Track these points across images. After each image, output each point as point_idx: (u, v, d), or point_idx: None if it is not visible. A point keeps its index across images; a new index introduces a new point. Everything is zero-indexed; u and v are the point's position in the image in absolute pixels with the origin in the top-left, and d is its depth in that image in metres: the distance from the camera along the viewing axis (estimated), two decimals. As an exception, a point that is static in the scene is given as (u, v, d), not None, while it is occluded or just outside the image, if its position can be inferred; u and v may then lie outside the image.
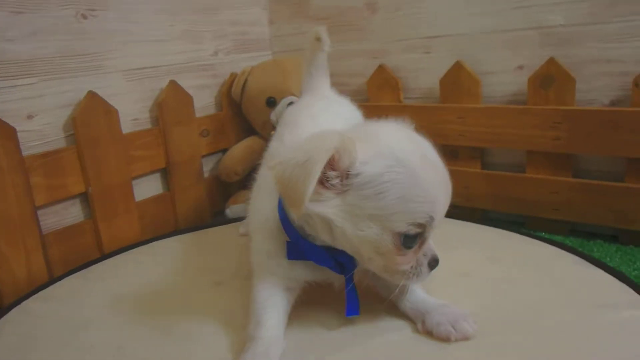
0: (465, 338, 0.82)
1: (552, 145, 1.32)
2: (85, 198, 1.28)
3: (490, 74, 1.43)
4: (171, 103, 1.42)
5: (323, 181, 0.74)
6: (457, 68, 1.43)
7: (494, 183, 1.44)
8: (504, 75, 1.42)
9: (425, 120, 1.50)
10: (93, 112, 1.24)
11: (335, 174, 0.74)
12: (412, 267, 0.80)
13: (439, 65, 1.48)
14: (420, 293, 0.91)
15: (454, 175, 1.74)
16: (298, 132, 0.97)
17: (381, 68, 1.58)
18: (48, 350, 0.87)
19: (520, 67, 1.39)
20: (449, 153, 1.51)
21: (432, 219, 0.75)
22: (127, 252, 1.28)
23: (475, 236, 1.27)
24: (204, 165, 1.56)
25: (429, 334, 0.84)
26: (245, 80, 1.55)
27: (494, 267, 1.08)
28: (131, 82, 1.37)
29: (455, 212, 1.40)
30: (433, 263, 0.82)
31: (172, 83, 1.42)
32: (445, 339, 0.82)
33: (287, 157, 0.72)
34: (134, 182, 1.37)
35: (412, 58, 1.55)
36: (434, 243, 0.83)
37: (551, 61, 1.29)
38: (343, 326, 0.89)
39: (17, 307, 1.03)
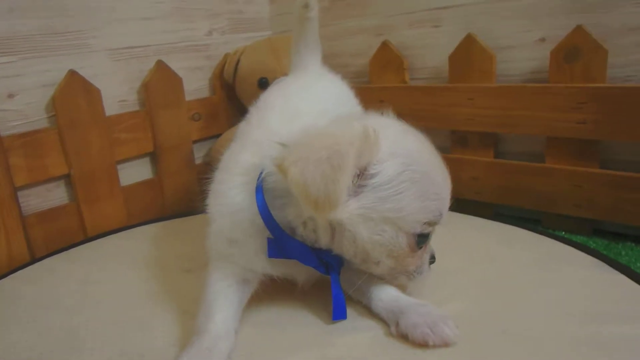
0: (445, 344, 0.77)
1: (576, 131, 1.24)
2: (69, 181, 1.33)
3: (506, 48, 1.36)
4: (158, 85, 1.46)
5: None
6: (468, 42, 1.38)
7: (508, 174, 1.38)
8: (522, 50, 1.34)
9: (432, 103, 1.47)
10: (73, 92, 1.29)
11: (357, 171, 0.74)
12: (417, 264, 0.84)
13: (449, 40, 1.43)
14: (394, 291, 0.88)
15: (462, 165, 1.75)
16: (267, 114, 0.97)
17: (384, 46, 1.55)
18: (10, 329, 0.92)
19: (542, 40, 1.31)
20: (457, 140, 1.47)
21: (441, 215, 0.79)
22: (109, 237, 1.33)
23: (477, 231, 1.23)
24: (196, 151, 1.59)
25: (404, 337, 0.80)
26: (238, 61, 1.57)
27: (492, 265, 1.04)
28: (117, 62, 1.41)
29: (462, 206, 1.39)
30: (432, 259, 0.87)
31: (160, 63, 1.46)
32: (422, 344, 0.78)
33: (302, 155, 0.70)
34: (120, 166, 1.42)
35: (420, 33, 1.51)
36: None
37: (578, 30, 1.20)
38: (304, 325, 0.87)
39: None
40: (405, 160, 0.75)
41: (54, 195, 1.32)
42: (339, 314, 0.86)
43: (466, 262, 1.07)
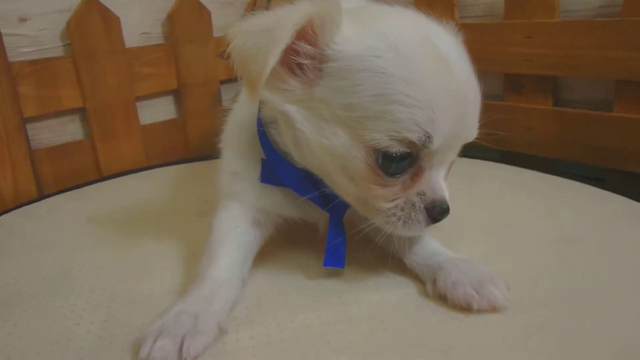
0: (493, 308, 0.61)
1: (651, 72, 1.02)
2: (85, 115, 1.20)
3: (573, -21, 1.14)
4: (184, 17, 1.30)
5: (292, 65, 0.57)
6: (528, -30, 1.15)
7: (568, 124, 1.16)
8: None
9: (483, 42, 1.25)
10: (90, 19, 1.15)
11: (309, 50, 0.56)
12: (397, 206, 0.60)
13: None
14: (433, 243, 0.72)
15: (515, 113, 1.46)
16: None
17: (434, -23, 1.33)
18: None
19: None
20: (511, 85, 1.26)
21: (427, 136, 0.55)
22: (124, 177, 1.21)
23: (531, 185, 1.05)
24: (223, 92, 1.43)
25: (442, 298, 0.64)
26: (272, -5, 1.38)
27: (548, 221, 0.87)
28: (141, -10, 1.26)
29: (514, 160, 1.19)
30: (436, 210, 0.60)
31: (189, -5, 1.29)
32: (465, 306, 0.62)
33: (250, 25, 0.57)
34: (140, 104, 1.28)
35: (472, -36, 1.29)
36: (446, 185, 0.63)
37: None
38: (326, 277, 0.72)
39: (-6, 220, 0.99)
40: (375, 44, 0.55)
41: (68, 130, 1.20)
42: (331, 260, 0.69)
43: (521, 217, 0.89)
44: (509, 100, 1.26)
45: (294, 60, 0.57)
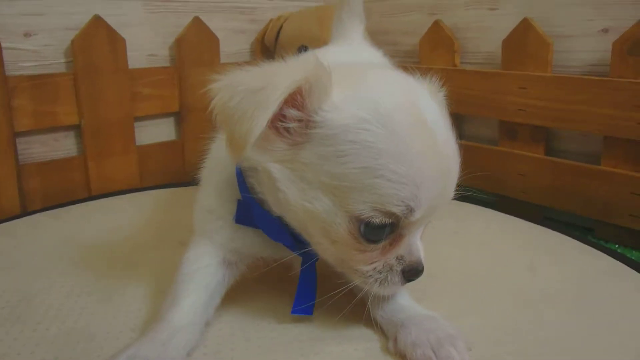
0: None
1: (637, 131, 1.00)
2: (80, 132, 1.17)
3: (566, 37, 1.13)
4: (192, 41, 1.28)
5: (277, 125, 0.53)
6: (524, 27, 1.15)
7: (559, 174, 1.13)
8: (583, 40, 1.11)
9: (481, 89, 1.23)
10: (95, 38, 1.13)
11: (297, 115, 0.53)
12: (375, 269, 0.58)
13: (505, 24, 1.20)
14: (401, 298, 0.67)
15: (509, 159, 1.42)
16: None
17: (436, 25, 1.32)
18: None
19: (605, 30, 1.08)
20: (506, 132, 1.22)
21: (410, 210, 0.52)
22: (114, 197, 1.16)
23: (517, 234, 1.00)
24: (224, 118, 1.40)
25: (402, 356, 0.60)
26: (281, 27, 1.36)
27: (526, 275, 0.82)
28: (152, 13, 1.25)
29: (506, 205, 1.15)
30: (411, 272, 0.58)
31: (197, 20, 1.28)
32: None
33: (238, 80, 0.52)
34: (140, 124, 1.25)
35: (475, 15, 1.28)
36: (422, 244, 0.60)
37: None
38: (293, 322, 0.67)
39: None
40: (364, 115, 0.52)
41: (62, 146, 1.16)
42: (300, 308, 0.65)
43: (500, 268, 0.85)
44: (504, 146, 1.23)
45: (281, 123, 0.53)
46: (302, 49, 1.31)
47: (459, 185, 0.59)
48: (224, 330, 0.65)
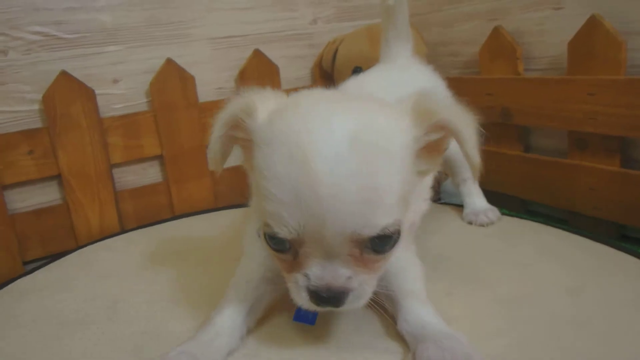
0: None
1: None
2: (163, 161, 1.31)
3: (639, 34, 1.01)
4: (254, 72, 1.37)
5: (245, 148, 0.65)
6: (592, 25, 1.04)
7: (635, 187, 1.01)
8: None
9: (545, 97, 1.15)
10: (169, 78, 1.26)
11: (245, 136, 0.62)
12: (289, 278, 0.61)
13: (572, 24, 1.10)
14: (424, 312, 0.68)
15: (579, 173, 1.37)
16: None
17: (496, 31, 1.25)
18: (69, 300, 0.89)
19: None
20: (575, 142, 1.13)
21: (280, 228, 0.55)
22: (193, 217, 1.29)
23: (568, 253, 0.92)
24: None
25: None
26: (337, 50, 1.40)
27: (567, 299, 0.76)
28: (217, 50, 1.36)
29: (577, 222, 1.06)
30: (314, 295, 0.58)
31: (256, 52, 1.37)
32: None
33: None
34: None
35: (538, 17, 1.19)
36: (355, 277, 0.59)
37: None
38: (318, 337, 0.72)
39: (79, 250, 1.12)
40: (265, 135, 0.58)
41: (148, 174, 1.32)
42: (302, 316, 0.70)
43: (540, 289, 0.80)
44: (574, 158, 1.14)
45: (243, 144, 0.64)
46: (357, 70, 1.33)
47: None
48: (264, 338, 0.73)
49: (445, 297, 0.78)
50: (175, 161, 1.30)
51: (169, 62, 1.26)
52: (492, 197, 1.13)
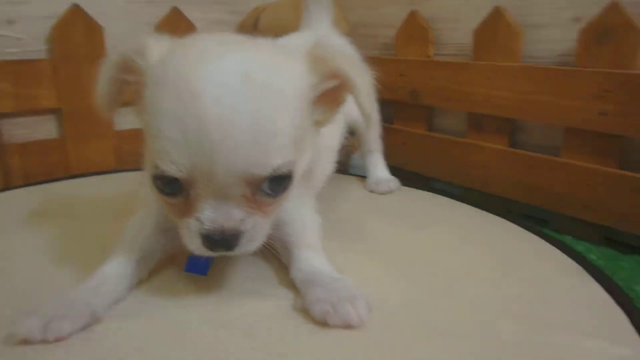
0: (346, 325, 0.59)
1: (597, 123, 0.97)
2: (61, 116, 1.23)
3: (537, 27, 1.09)
4: (170, 29, 1.29)
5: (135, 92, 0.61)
6: (495, 16, 1.12)
7: (519, 166, 1.11)
8: (553, 29, 1.07)
9: (451, 80, 1.22)
10: (73, 26, 1.18)
11: (135, 79, 0.60)
12: (182, 223, 0.59)
13: (478, 13, 1.17)
14: (317, 261, 0.70)
15: (472, 151, 1.42)
16: None
17: (412, 16, 1.31)
18: None
19: (576, 19, 1.03)
20: (473, 124, 1.21)
21: (167, 165, 0.54)
22: (91, 177, 1.21)
23: (462, 219, 0.99)
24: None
25: (305, 312, 0.63)
26: (258, 18, 1.38)
27: (458, 255, 0.82)
28: (131, 4, 1.28)
29: (469, 197, 1.14)
30: (207, 239, 0.57)
31: (175, 11, 1.31)
32: (321, 321, 0.60)
33: None
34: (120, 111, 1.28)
35: (452, 5, 1.25)
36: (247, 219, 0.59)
37: (612, 7, 0.93)
38: (209, 285, 0.71)
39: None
40: (156, 72, 0.57)
41: (42, 129, 1.22)
42: (194, 266, 0.69)
43: (428, 247, 0.85)
44: (470, 137, 1.21)
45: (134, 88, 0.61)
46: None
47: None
48: (153, 287, 0.70)
49: (339, 254, 0.79)
50: (74, 117, 1.21)
51: (76, 8, 1.17)
52: (397, 174, 1.18)
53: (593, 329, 0.61)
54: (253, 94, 0.54)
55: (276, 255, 0.74)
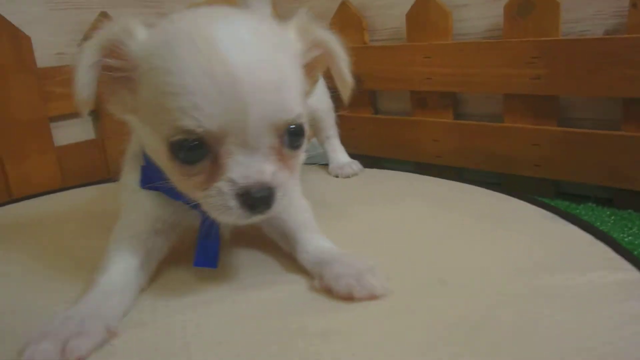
0: (372, 296, 0.62)
1: (532, 87, 1.08)
2: (-3, 134, 1.13)
3: (462, 6, 1.20)
4: (101, 37, 1.25)
5: (114, 77, 0.59)
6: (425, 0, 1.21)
7: (467, 136, 1.21)
8: (476, 8, 1.19)
9: (390, 62, 1.29)
10: (-2, 38, 1.08)
11: (121, 64, 0.58)
12: (208, 195, 0.56)
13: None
14: (324, 242, 0.72)
15: (422, 127, 1.49)
16: None
17: (344, 5, 1.37)
18: None
19: None
20: (417, 102, 1.29)
21: (197, 121, 0.52)
22: (36, 199, 1.12)
23: (429, 189, 1.06)
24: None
25: (328, 290, 0.64)
26: (191, 18, 1.36)
27: (436, 221, 0.88)
28: (56, 10, 1.21)
29: (423, 169, 1.22)
30: (247, 197, 0.55)
31: (103, 15, 1.25)
32: (347, 296, 0.62)
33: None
34: (56, 124, 1.21)
35: (377, -8, 1.33)
36: (280, 173, 0.58)
37: None
38: (218, 278, 0.70)
39: None
40: (155, 42, 0.56)
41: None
42: (203, 260, 0.68)
43: (410, 217, 0.90)
44: (417, 115, 1.30)
45: (118, 75, 0.58)
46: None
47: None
48: (159, 291, 0.68)
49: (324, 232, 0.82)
50: (11, 134, 1.12)
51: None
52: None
53: (588, 264, 0.68)
54: (268, 48, 0.57)
55: (276, 242, 0.75)
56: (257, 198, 0.55)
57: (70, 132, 1.26)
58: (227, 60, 0.53)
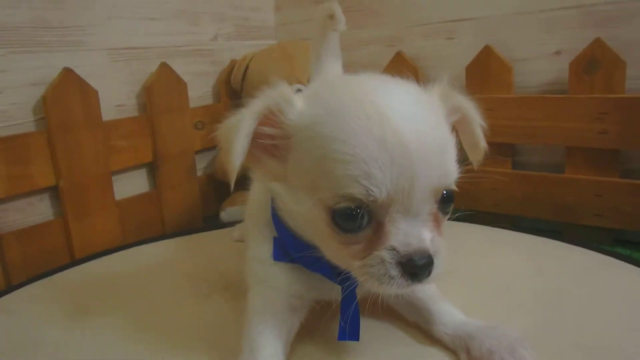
0: None
1: (598, 141, 1.12)
2: (55, 193, 1.07)
3: (522, 60, 1.24)
4: (161, 88, 1.23)
5: (268, 148, 0.59)
6: (487, 53, 1.25)
7: (527, 185, 1.23)
8: (539, 62, 1.23)
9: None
10: (68, 92, 1.05)
11: (275, 132, 0.58)
12: (367, 264, 0.55)
13: (463, 52, 1.30)
14: (458, 313, 0.71)
15: (480, 177, 1.47)
16: None
17: (398, 56, 1.39)
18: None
19: (558, 53, 1.20)
20: (476, 151, 1.31)
21: (367, 189, 0.51)
22: (102, 258, 1.07)
23: (509, 242, 1.07)
24: (197, 162, 1.36)
25: None
26: (247, 67, 1.36)
27: (540, 279, 0.88)
28: (117, 62, 1.18)
29: (481, 218, 1.23)
30: (409, 265, 0.53)
31: (164, 66, 1.24)
32: None
33: (227, 121, 0.59)
34: (114, 177, 1.17)
35: (434, 45, 1.36)
36: (437, 238, 0.56)
37: (597, 42, 1.11)
38: (354, 354, 0.68)
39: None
40: (319, 112, 0.56)
41: (37, 211, 1.06)
42: (347, 334, 0.65)
43: (509, 277, 0.90)
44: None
45: (268, 143, 0.58)
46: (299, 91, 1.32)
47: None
48: None
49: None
50: (75, 192, 1.07)
51: (69, 72, 1.04)
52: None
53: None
54: (428, 114, 0.57)
55: (400, 313, 0.74)
56: (419, 266, 0.54)
57: (127, 186, 1.21)
58: (399, 129, 0.52)
